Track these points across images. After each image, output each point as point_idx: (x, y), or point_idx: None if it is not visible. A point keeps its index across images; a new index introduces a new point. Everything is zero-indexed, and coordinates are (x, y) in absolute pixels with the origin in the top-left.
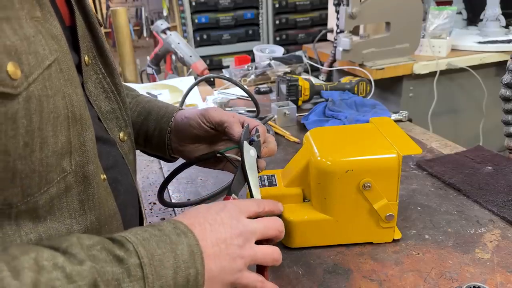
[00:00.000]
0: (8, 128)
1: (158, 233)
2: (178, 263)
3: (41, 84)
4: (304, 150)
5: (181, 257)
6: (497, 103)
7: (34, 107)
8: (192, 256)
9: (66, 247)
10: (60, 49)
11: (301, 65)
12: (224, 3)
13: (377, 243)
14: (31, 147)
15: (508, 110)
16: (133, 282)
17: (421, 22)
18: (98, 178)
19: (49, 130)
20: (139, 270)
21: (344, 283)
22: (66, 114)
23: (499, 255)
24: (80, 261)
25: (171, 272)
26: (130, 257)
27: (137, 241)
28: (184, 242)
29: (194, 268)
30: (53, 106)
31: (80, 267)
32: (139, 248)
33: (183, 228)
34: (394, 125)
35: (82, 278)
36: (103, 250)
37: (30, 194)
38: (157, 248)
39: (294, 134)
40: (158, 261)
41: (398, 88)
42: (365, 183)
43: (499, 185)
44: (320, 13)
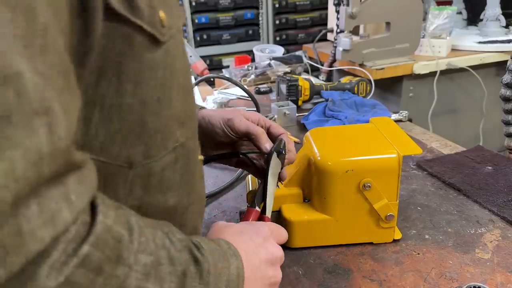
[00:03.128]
0: (150, 77)
1: (218, 248)
2: (228, 281)
3: (174, 43)
4: (304, 150)
5: (231, 276)
6: (497, 103)
7: (169, 62)
8: (238, 278)
9: (167, 232)
10: (183, 19)
11: (301, 65)
12: (224, 3)
13: (377, 243)
14: (161, 103)
15: (508, 110)
16: (202, 284)
17: (421, 22)
18: (196, 156)
19: (175, 92)
20: (207, 275)
21: (344, 283)
22: (181, 81)
23: (499, 255)
24: (178, 249)
25: (223, 286)
26: (204, 263)
27: (208, 250)
28: (235, 263)
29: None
30: (178, 68)
31: (179, 254)
32: (209, 257)
33: (234, 250)
34: (394, 125)
35: (180, 264)
36: (185, 248)
37: (150, 156)
38: (218, 261)
39: (294, 134)
40: (218, 273)
41: (398, 88)
42: (365, 183)
43: (499, 185)
44: (320, 13)
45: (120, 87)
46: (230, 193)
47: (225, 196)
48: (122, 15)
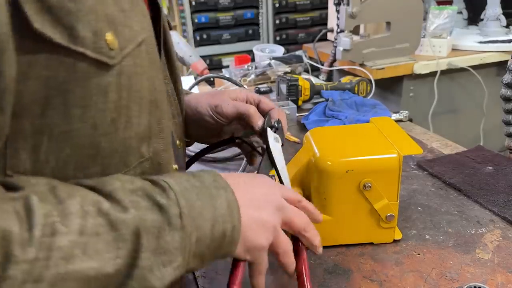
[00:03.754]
0: (99, 101)
1: (198, 185)
2: (216, 217)
3: (132, 61)
4: (304, 150)
5: (220, 211)
6: (497, 103)
7: (124, 83)
8: (230, 211)
9: (111, 191)
10: (149, 29)
11: (301, 64)
12: (224, 2)
13: (377, 243)
14: (117, 124)
15: (509, 110)
16: (173, 231)
17: (421, 21)
18: (170, 167)
19: (134, 110)
20: (178, 220)
21: (344, 283)
22: (148, 97)
23: (499, 255)
24: (124, 208)
25: (209, 225)
26: (171, 207)
27: (179, 191)
28: (223, 196)
29: (231, 223)
30: (140, 86)
31: (124, 215)
32: (180, 198)
33: (222, 182)
34: (394, 125)
35: (126, 227)
36: (145, 196)
37: (108, 175)
38: (197, 199)
39: (294, 134)
40: (197, 213)
41: (399, 88)
42: (366, 183)
43: (499, 185)
44: (320, 13)
45: (67, 113)
46: None
47: None
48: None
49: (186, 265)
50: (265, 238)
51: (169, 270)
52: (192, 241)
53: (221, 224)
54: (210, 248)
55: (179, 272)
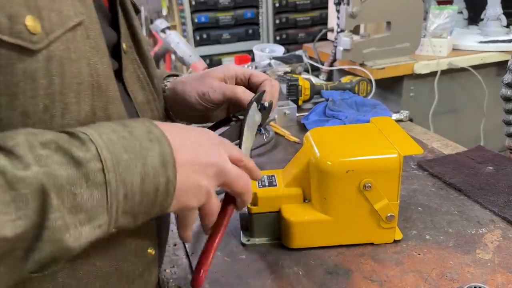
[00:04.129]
0: (27, 88)
1: (128, 136)
2: (146, 170)
3: (63, 45)
4: (304, 150)
5: (151, 164)
6: (498, 103)
7: (55, 68)
8: (163, 165)
9: (12, 146)
10: (88, 14)
11: (301, 64)
12: (224, 2)
13: (377, 243)
14: (51, 112)
15: (509, 110)
16: (91, 187)
17: (421, 21)
18: None
19: (71, 96)
20: (100, 175)
21: (344, 283)
22: (90, 82)
23: (500, 255)
24: (26, 165)
25: (138, 179)
26: (91, 161)
27: (101, 144)
28: (156, 149)
29: (165, 177)
30: (76, 71)
31: (24, 172)
32: (103, 151)
33: (158, 134)
34: (395, 125)
35: (25, 186)
36: (58, 150)
37: None
38: (123, 152)
39: (294, 134)
40: (124, 166)
41: (399, 87)
42: (366, 183)
43: (500, 185)
44: (321, 13)
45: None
46: None
47: None
48: None
49: (114, 223)
50: (197, 200)
51: (87, 228)
52: (119, 198)
53: (151, 178)
54: (143, 203)
55: (101, 231)
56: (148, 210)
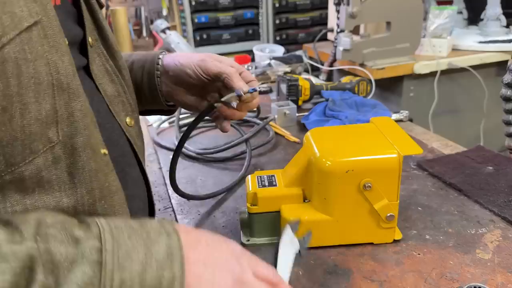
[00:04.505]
0: None
1: (136, 227)
2: (149, 261)
3: (18, 47)
4: (304, 150)
5: (155, 256)
6: (497, 103)
7: (10, 70)
8: (170, 258)
9: (19, 223)
10: (44, 13)
11: (301, 64)
12: (224, 2)
13: (377, 243)
14: (10, 112)
15: (509, 110)
16: (85, 264)
17: (421, 21)
18: (90, 151)
19: (30, 96)
20: (96, 254)
21: (344, 283)
22: (50, 81)
23: (500, 255)
24: (22, 239)
25: (138, 268)
26: (89, 240)
27: (107, 228)
28: (163, 242)
29: (170, 271)
30: (33, 71)
31: (19, 246)
32: (105, 234)
33: (169, 228)
34: (394, 125)
35: (15, 259)
36: (62, 230)
37: (14, 163)
38: (127, 239)
39: (294, 134)
40: (124, 251)
41: (399, 88)
42: (366, 183)
43: (500, 185)
44: (321, 13)
45: None
46: (230, 193)
47: (225, 197)
48: None
49: None
50: None
51: None
52: (114, 282)
53: (155, 270)
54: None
55: None
56: None
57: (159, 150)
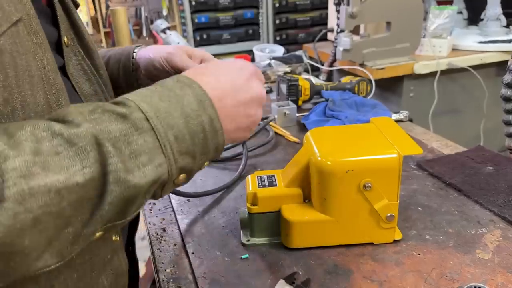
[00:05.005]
0: None
1: (160, 89)
2: (187, 113)
3: (11, 39)
4: (304, 150)
5: (189, 107)
6: (497, 103)
7: (7, 61)
8: (201, 104)
9: (64, 115)
10: (25, 11)
11: (301, 64)
12: (224, 2)
13: (377, 243)
14: (12, 104)
15: (509, 110)
16: (142, 134)
17: (421, 21)
18: None
19: (27, 89)
20: (146, 123)
21: (344, 283)
22: (40, 75)
23: (500, 255)
24: (77, 124)
25: (182, 121)
26: (133, 112)
27: (138, 99)
28: (190, 93)
29: (207, 115)
30: (26, 64)
31: (77, 129)
32: (141, 104)
33: (186, 80)
34: (394, 125)
35: (81, 139)
36: (105, 112)
37: None
38: (160, 102)
39: (294, 134)
40: (164, 112)
41: (399, 88)
42: (366, 183)
43: (499, 185)
44: (321, 13)
45: None
46: (230, 193)
47: (225, 196)
48: None
49: (175, 163)
50: (249, 131)
51: (149, 168)
52: (170, 139)
53: (194, 118)
54: (195, 143)
55: (163, 170)
56: (204, 150)
57: None
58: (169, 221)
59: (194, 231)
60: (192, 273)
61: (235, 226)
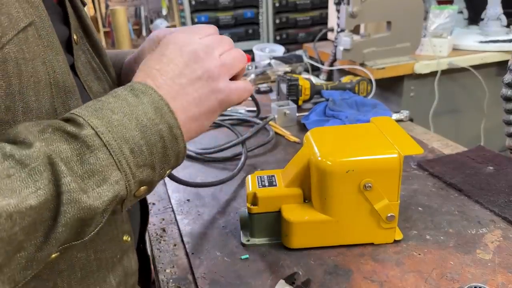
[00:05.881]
0: None
1: (112, 100)
2: (143, 123)
3: (17, 47)
4: (305, 150)
5: (145, 116)
6: (498, 103)
7: (12, 70)
8: (159, 111)
9: (14, 135)
10: (37, 14)
11: (302, 64)
12: (224, 2)
13: (378, 243)
14: (14, 111)
15: (509, 110)
16: (94, 151)
17: (422, 21)
18: None
19: (30, 95)
20: (97, 139)
21: (344, 284)
22: (47, 80)
23: (500, 255)
24: (29, 144)
25: (137, 133)
26: (83, 130)
27: (87, 114)
28: (145, 101)
29: (165, 123)
30: (32, 70)
31: (29, 150)
32: (91, 119)
33: (140, 87)
34: (395, 125)
35: (33, 160)
36: (55, 131)
37: None
38: (112, 114)
39: (294, 134)
40: (117, 126)
41: (399, 87)
42: (366, 183)
43: (500, 185)
44: (321, 12)
45: None
46: (230, 194)
47: (225, 197)
48: None
49: (132, 178)
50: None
51: (105, 187)
52: (125, 154)
53: (152, 128)
54: (154, 153)
55: (120, 187)
56: (164, 159)
57: None
58: (169, 221)
59: (194, 231)
60: (192, 273)
61: (235, 226)
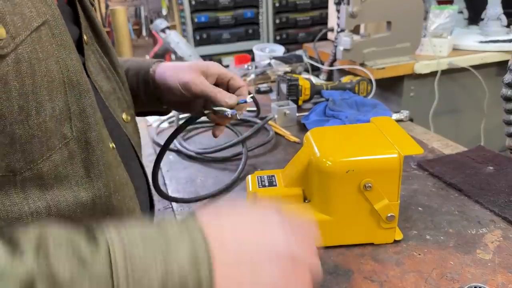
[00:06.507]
0: (0, 91)
1: (154, 235)
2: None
3: (30, 47)
4: (305, 150)
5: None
6: (498, 103)
7: (25, 70)
8: (195, 263)
9: (20, 239)
10: (50, 13)
11: (302, 64)
12: (224, 2)
13: (378, 243)
14: (27, 111)
15: (510, 110)
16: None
17: (422, 21)
18: (103, 145)
19: (44, 94)
20: (106, 279)
21: (344, 284)
22: (61, 79)
23: (500, 255)
24: (22, 259)
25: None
26: (95, 262)
27: (118, 245)
28: (187, 248)
29: (195, 278)
30: (45, 69)
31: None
32: (116, 254)
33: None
34: (395, 125)
35: (14, 279)
36: (67, 249)
37: (32, 160)
38: (142, 253)
39: (294, 134)
40: (139, 271)
41: (399, 87)
42: (366, 183)
43: (500, 185)
44: (321, 12)
45: None
46: (230, 194)
47: (225, 197)
48: None
49: None
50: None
51: None
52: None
53: (176, 275)
54: None
55: None
56: None
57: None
58: None
59: None
60: None
61: None
